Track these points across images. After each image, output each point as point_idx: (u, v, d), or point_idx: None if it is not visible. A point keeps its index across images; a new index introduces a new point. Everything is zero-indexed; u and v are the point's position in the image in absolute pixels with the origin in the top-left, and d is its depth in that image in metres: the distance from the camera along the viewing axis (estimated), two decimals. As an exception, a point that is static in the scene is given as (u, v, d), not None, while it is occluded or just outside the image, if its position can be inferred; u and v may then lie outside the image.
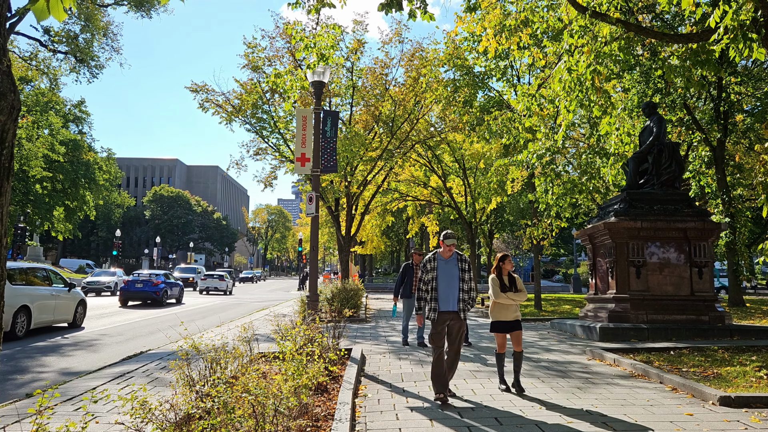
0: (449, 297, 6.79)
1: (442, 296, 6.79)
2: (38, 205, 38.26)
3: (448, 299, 6.78)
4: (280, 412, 4.56)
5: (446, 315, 6.75)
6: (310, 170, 12.31)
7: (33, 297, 13.86)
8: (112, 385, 7.51)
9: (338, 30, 10.05)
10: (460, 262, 6.92)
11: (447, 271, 6.85)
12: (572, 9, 9.76)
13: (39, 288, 14.42)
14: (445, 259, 6.91)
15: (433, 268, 6.88)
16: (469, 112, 23.18)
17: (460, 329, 6.88)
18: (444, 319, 6.75)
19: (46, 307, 14.41)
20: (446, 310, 6.75)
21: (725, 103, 21.20)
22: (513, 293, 7.42)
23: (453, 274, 6.84)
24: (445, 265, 6.89)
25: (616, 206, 13.28)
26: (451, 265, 6.88)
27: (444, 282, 6.82)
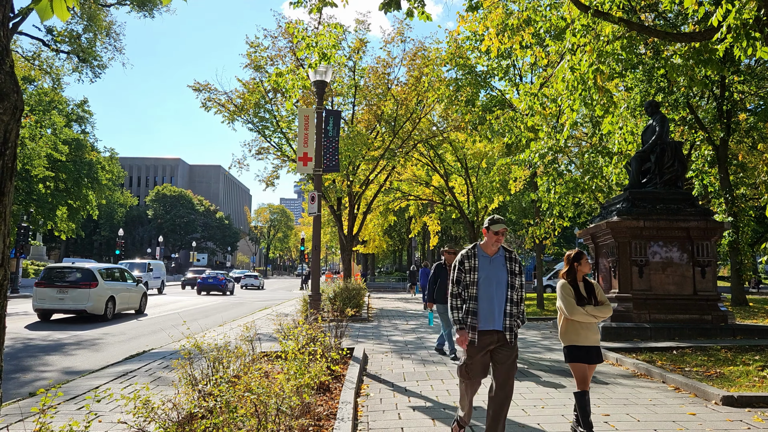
0: (493, 311, 4.82)
1: (484, 309, 4.83)
2: (41, 204, 38.31)
3: (492, 314, 4.82)
4: (283, 411, 4.56)
5: (488, 337, 4.81)
6: (312, 170, 12.32)
7: (116, 290, 18.36)
8: (114, 384, 7.52)
9: (340, 29, 10.05)
10: (509, 262, 4.95)
11: (492, 273, 4.89)
12: (574, 8, 9.75)
13: (119, 283, 18.97)
14: (490, 257, 4.94)
15: (473, 268, 4.90)
16: (471, 112, 23.16)
17: (511, 358, 4.86)
18: (485, 343, 4.81)
19: (123, 297, 18.87)
20: (488, 329, 4.81)
21: (728, 102, 21.16)
22: (593, 307, 5.43)
23: (500, 278, 4.87)
24: (489, 264, 4.91)
25: (619, 205, 13.26)
26: (498, 265, 4.92)
27: (487, 289, 4.85)
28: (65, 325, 16.12)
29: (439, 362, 9.60)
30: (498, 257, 4.95)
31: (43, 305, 16.94)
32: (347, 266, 26.22)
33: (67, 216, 41.88)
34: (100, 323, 16.85)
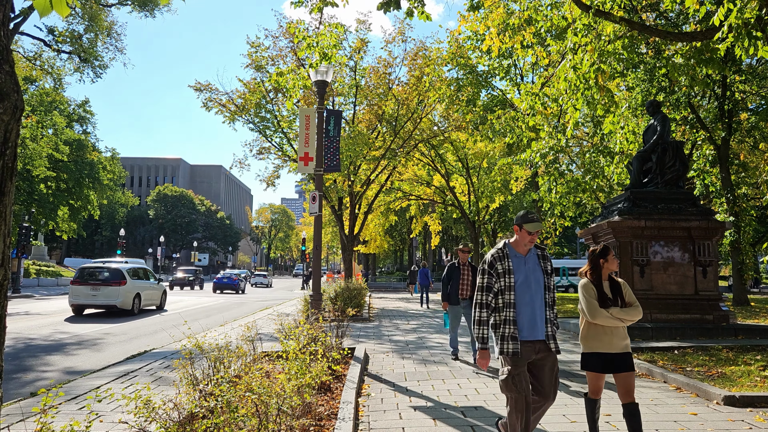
0: (535, 317, 4.36)
1: (524, 316, 4.35)
2: (42, 204, 38.36)
3: (534, 321, 4.36)
4: (284, 411, 4.56)
5: (531, 347, 4.33)
6: (313, 169, 12.32)
7: (141, 288, 20.46)
8: (116, 384, 7.53)
9: (341, 29, 10.03)
10: (542, 261, 4.52)
11: (528, 275, 4.42)
12: (576, 7, 9.74)
13: (143, 282, 21.12)
14: (523, 256, 4.47)
15: (508, 270, 4.40)
16: (472, 111, 23.18)
17: (554, 369, 4.43)
18: (529, 354, 4.32)
19: (147, 294, 20.96)
20: (531, 340, 4.33)
21: (730, 102, 21.14)
22: (619, 309, 4.81)
23: (538, 279, 4.43)
24: (524, 266, 4.44)
25: (620, 205, 13.25)
26: (533, 266, 4.46)
27: (526, 293, 4.38)
28: (99, 319, 18.04)
29: (440, 362, 9.60)
30: (531, 256, 4.49)
31: (77, 301, 18.99)
32: (348, 266, 26.22)
33: (68, 216, 41.93)
34: (129, 317, 18.76)
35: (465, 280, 9.54)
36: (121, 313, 19.31)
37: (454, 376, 8.30)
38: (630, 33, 10.29)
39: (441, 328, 15.27)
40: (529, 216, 4.45)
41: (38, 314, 19.33)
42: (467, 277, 9.53)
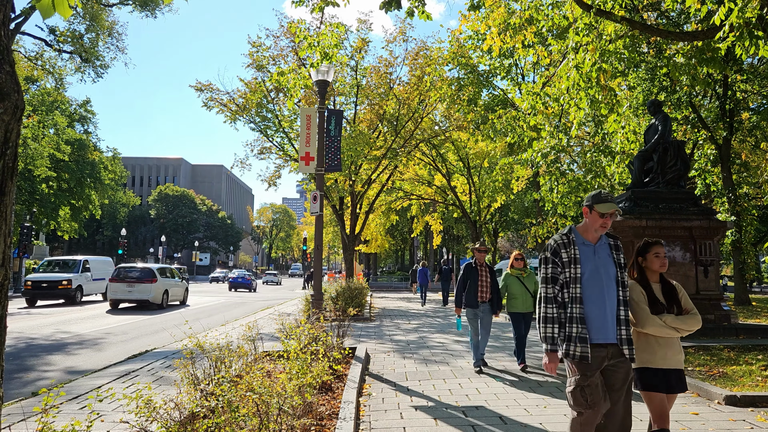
0: (606, 316, 3.73)
1: (595, 315, 3.72)
2: (44, 204, 38.38)
3: (605, 320, 3.72)
4: (285, 411, 4.56)
5: (603, 351, 3.69)
6: (315, 169, 12.33)
7: (168, 285, 23.35)
8: (117, 384, 7.53)
9: (342, 29, 10.03)
10: (615, 252, 3.88)
11: (598, 266, 3.78)
12: (577, 7, 9.73)
13: (170, 279, 23.85)
14: (593, 245, 3.83)
15: (574, 259, 3.77)
16: (473, 111, 23.16)
17: (627, 381, 3.80)
18: (600, 359, 3.69)
19: (173, 291, 23.84)
20: (602, 343, 3.70)
21: (731, 101, 21.12)
22: (674, 317, 4.08)
23: (609, 272, 3.79)
24: (593, 255, 3.81)
25: (621, 205, 13.23)
26: (604, 256, 3.82)
27: (595, 288, 3.74)
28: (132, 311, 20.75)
29: (441, 362, 9.60)
30: (602, 245, 3.85)
31: (115, 296, 21.96)
32: (349, 266, 26.22)
33: (69, 216, 41.95)
34: (158, 311, 21.42)
35: (484, 282, 8.99)
36: (151, 306, 22.00)
37: (456, 376, 8.30)
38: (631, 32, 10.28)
39: (442, 327, 15.27)
40: (602, 195, 3.79)
41: (39, 314, 19.35)
42: (486, 278, 9.03)
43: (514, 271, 9.22)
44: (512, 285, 9.13)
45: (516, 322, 9.08)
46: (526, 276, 9.19)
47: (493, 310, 9.02)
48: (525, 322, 9.07)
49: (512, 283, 9.14)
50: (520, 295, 9.04)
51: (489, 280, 9.03)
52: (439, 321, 17.08)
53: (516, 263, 9.30)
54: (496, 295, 9.05)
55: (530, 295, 9.01)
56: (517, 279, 9.15)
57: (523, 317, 9.05)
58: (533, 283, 9.14)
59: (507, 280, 9.19)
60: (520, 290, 9.06)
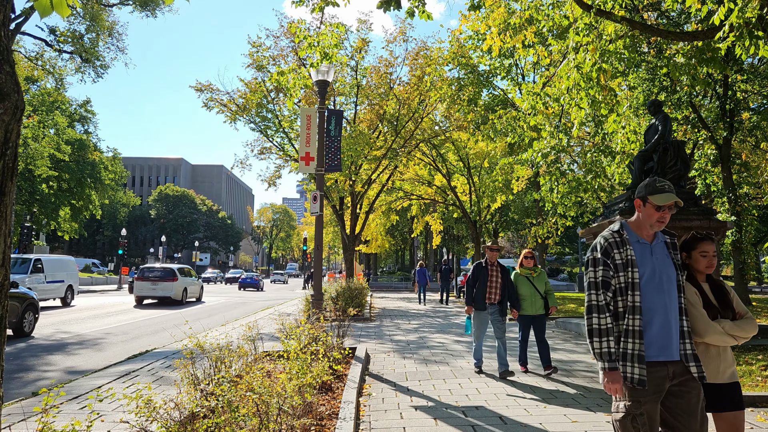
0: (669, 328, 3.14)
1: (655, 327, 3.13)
2: (44, 204, 38.39)
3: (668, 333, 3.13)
4: (284, 411, 4.56)
5: (663, 371, 3.09)
6: (315, 169, 12.33)
7: (187, 283, 26.04)
8: (117, 384, 7.54)
9: (342, 29, 10.02)
10: (672, 251, 3.38)
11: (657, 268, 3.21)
12: (577, 7, 9.73)
13: (189, 278, 26.52)
14: (649, 243, 3.27)
15: (629, 261, 3.18)
16: (473, 111, 23.17)
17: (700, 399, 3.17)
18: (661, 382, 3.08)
19: (191, 289, 26.54)
20: (663, 360, 3.10)
21: (731, 101, 21.10)
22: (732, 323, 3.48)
23: (669, 276, 3.22)
24: (650, 256, 3.23)
25: (621, 205, 13.22)
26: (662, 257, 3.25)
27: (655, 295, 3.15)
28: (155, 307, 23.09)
29: (441, 362, 9.60)
30: (659, 243, 3.28)
31: (141, 293, 24.34)
32: (349, 266, 26.23)
33: (70, 216, 41.97)
34: (179, 306, 23.99)
35: (493, 283, 8.52)
36: (172, 303, 24.58)
37: (455, 376, 8.30)
38: (631, 32, 10.28)
39: (442, 327, 15.27)
40: (657, 184, 3.25)
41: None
42: (496, 279, 8.53)
43: (523, 271, 8.65)
44: (521, 285, 8.57)
45: (524, 326, 8.56)
46: (537, 276, 8.63)
47: (502, 312, 8.50)
48: (534, 326, 8.52)
49: (521, 284, 8.58)
50: (530, 296, 8.48)
51: (500, 281, 8.51)
52: (439, 321, 17.08)
53: (526, 262, 8.72)
54: (509, 297, 8.50)
55: (540, 297, 8.50)
56: (527, 279, 8.58)
57: (532, 320, 8.50)
58: (544, 283, 8.61)
59: (516, 280, 8.65)
60: (530, 291, 8.49)
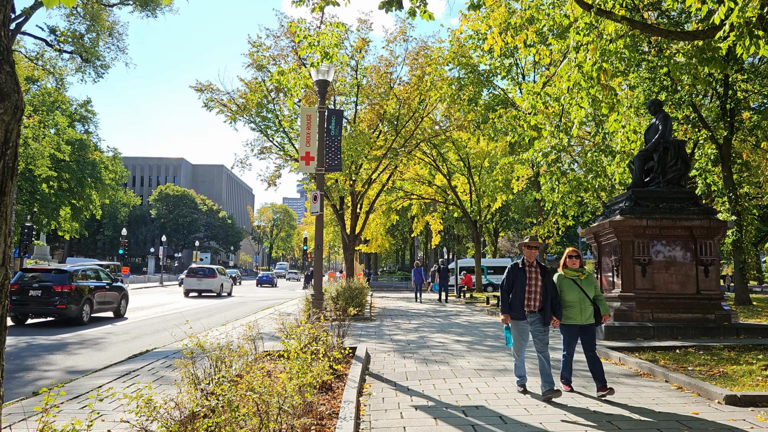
0: None
1: None
2: (45, 204, 38.40)
3: None
4: (285, 410, 4.57)
5: None
6: (315, 169, 12.33)
7: (223, 280, 33.54)
8: (117, 384, 7.54)
9: (342, 28, 10.02)
10: None
11: None
12: (577, 6, 9.73)
13: (223, 276, 34.19)
14: None
15: None
16: (474, 111, 23.17)
17: None
18: None
19: (225, 284, 34.02)
20: None
21: (732, 101, 21.10)
22: None
23: None
24: None
25: (622, 204, 13.23)
26: None
27: None
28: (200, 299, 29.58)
29: (441, 361, 9.60)
30: None
31: (189, 287, 32.07)
32: (350, 265, 26.23)
33: (70, 216, 41.98)
34: (217, 298, 31.13)
35: (533, 287, 7.09)
36: (213, 295, 32.21)
37: (456, 376, 8.30)
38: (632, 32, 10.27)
39: (442, 327, 15.25)
40: None
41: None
42: (536, 282, 7.09)
43: (568, 273, 7.29)
44: (567, 290, 7.20)
45: (569, 337, 7.24)
46: (585, 278, 7.27)
47: (545, 321, 7.08)
48: (583, 338, 7.16)
49: (567, 288, 7.21)
50: (578, 302, 7.10)
51: (540, 285, 7.09)
52: (440, 321, 17.08)
53: (570, 262, 7.37)
54: (551, 304, 7.10)
55: (590, 303, 7.13)
56: (573, 282, 7.21)
57: (580, 331, 7.16)
58: (593, 287, 7.26)
59: (560, 284, 7.27)
60: (578, 296, 7.13)
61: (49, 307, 15.69)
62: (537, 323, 7.09)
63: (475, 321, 17.02)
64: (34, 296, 15.80)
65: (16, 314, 16.15)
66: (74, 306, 15.97)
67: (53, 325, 16.19)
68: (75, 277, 16.50)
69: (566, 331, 7.24)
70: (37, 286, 15.93)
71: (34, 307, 15.91)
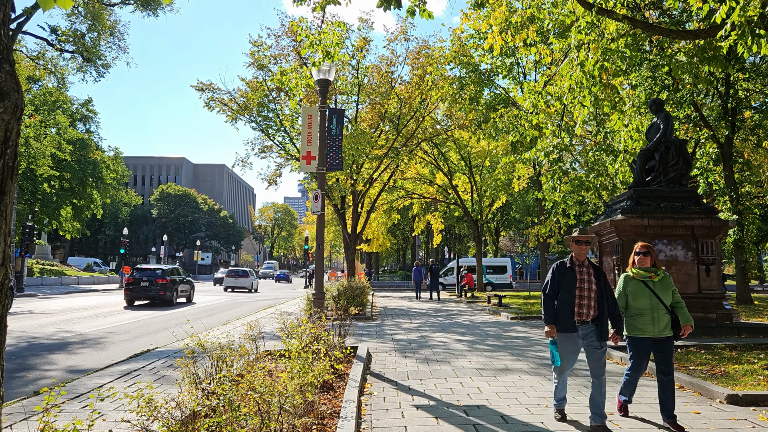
0: None
1: None
2: (46, 204, 38.42)
3: None
4: (286, 410, 4.56)
5: None
6: (316, 168, 12.33)
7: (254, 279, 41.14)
8: (118, 383, 7.54)
9: (344, 27, 10.02)
10: None
11: None
12: (579, 5, 9.72)
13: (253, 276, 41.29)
14: None
15: None
16: (475, 110, 23.16)
17: None
18: None
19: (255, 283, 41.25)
20: None
21: (733, 100, 21.07)
22: None
23: None
24: None
25: (623, 204, 13.22)
26: None
27: None
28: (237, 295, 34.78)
29: (443, 361, 9.60)
30: None
31: (228, 285, 39.41)
32: (351, 265, 26.23)
33: (71, 215, 42.01)
34: (250, 293, 37.68)
35: (585, 291, 5.68)
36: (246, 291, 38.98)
37: (457, 375, 8.30)
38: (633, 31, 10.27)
39: (443, 327, 15.23)
40: None
41: (41, 313, 19.38)
42: (589, 285, 5.69)
43: (638, 273, 5.94)
44: (636, 294, 5.85)
45: (639, 352, 5.90)
46: (659, 280, 5.89)
47: (601, 334, 5.62)
48: (657, 355, 5.90)
49: (636, 292, 5.87)
50: (650, 310, 5.78)
51: (594, 289, 5.68)
52: (441, 320, 17.07)
53: (640, 260, 5.98)
54: (609, 312, 5.68)
55: (665, 311, 5.80)
56: (644, 285, 5.86)
57: (654, 345, 5.87)
58: (670, 292, 5.88)
59: (627, 287, 5.96)
60: (650, 303, 5.79)
61: (153, 293, 23.20)
62: (591, 337, 5.63)
63: (476, 320, 17.02)
64: (144, 286, 23.16)
65: (132, 297, 23.28)
66: (168, 293, 23.59)
67: (153, 306, 22.89)
68: (168, 274, 23.99)
69: (634, 346, 5.90)
70: (145, 279, 23.28)
71: (143, 293, 23.23)
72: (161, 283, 23.15)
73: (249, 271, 40.42)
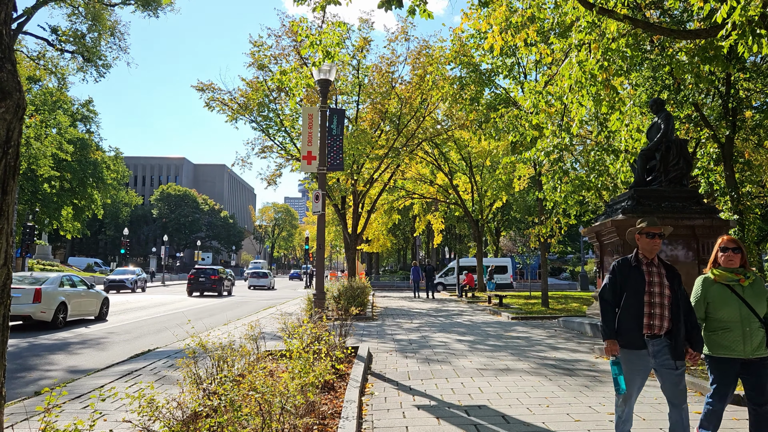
0: None
1: None
2: (46, 204, 38.43)
3: None
4: (287, 410, 4.56)
5: None
6: (317, 168, 12.32)
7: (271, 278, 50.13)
8: (119, 383, 7.54)
9: (344, 27, 10.01)
10: None
11: None
12: (579, 5, 9.71)
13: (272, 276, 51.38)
14: None
15: None
16: (475, 110, 23.14)
17: None
18: None
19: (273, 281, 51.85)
20: None
21: (734, 100, 21.04)
22: None
23: None
24: None
25: (624, 204, 13.21)
26: None
27: None
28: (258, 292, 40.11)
29: (443, 361, 9.59)
30: None
31: (253, 283, 47.69)
32: (351, 265, 26.24)
33: (72, 215, 42.01)
34: (270, 290, 43.56)
35: (657, 296, 4.52)
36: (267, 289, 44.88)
37: (458, 375, 8.30)
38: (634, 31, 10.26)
39: (444, 327, 15.22)
40: None
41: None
42: (660, 290, 4.54)
43: (721, 275, 4.70)
44: (721, 302, 4.62)
45: (725, 377, 4.57)
46: (750, 284, 4.64)
47: (677, 352, 4.37)
48: (746, 379, 4.54)
49: (720, 299, 4.63)
50: (738, 323, 4.51)
51: (668, 293, 4.54)
52: (442, 320, 17.07)
53: (725, 259, 4.73)
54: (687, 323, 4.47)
55: (759, 325, 4.49)
56: (730, 290, 4.62)
57: (742, 368, 4.52)
58: (765, 300, 4.58)
59: (708, 292, 4.74)
60: (737, 313, 4.52)
61: (209, 286, 31.63)
62: (664, 355, 4.41)
63: (477, 320, 17.01)
64: (202, 281, 31.73)
65: (192, 290, 31.79)
66: (220, 287, 32.15)
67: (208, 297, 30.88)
68: (218, 272, 32.39)
69: (717, 368, 4.58)
70: (202, 275, 31.84)
71: (201, 286, 31.74)
72: (215, 279, 31.68)
73: (268, 273, 49.25)
